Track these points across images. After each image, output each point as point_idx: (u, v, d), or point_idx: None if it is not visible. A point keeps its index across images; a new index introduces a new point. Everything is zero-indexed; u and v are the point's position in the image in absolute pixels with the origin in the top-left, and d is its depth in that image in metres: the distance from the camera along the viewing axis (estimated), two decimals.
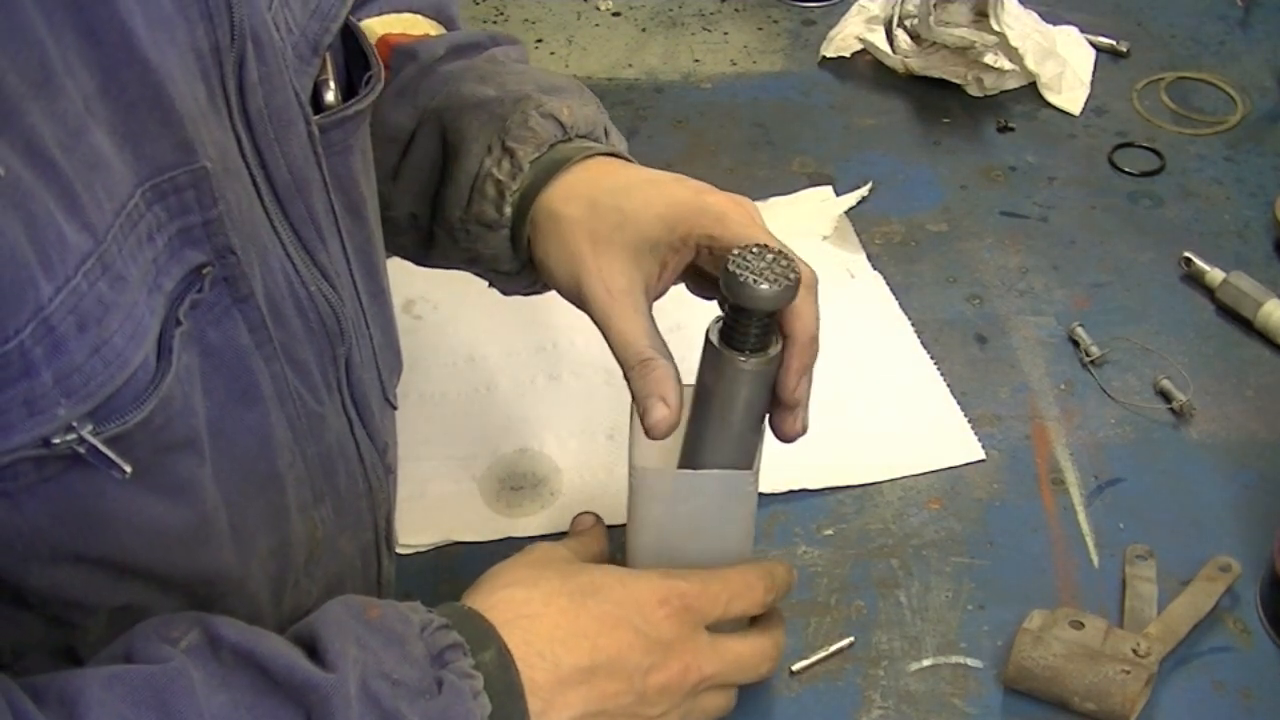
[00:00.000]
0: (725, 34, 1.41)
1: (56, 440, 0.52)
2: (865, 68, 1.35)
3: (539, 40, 1.41)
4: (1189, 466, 0.97)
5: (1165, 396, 1.01)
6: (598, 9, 1.46)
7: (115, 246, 0.52)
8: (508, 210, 0.80)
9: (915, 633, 0.87)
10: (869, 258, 1.14)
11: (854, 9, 1.37)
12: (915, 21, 1.30)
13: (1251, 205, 1.18)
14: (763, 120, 1.29)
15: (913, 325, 1.08)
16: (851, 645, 0.86)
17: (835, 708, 0.83)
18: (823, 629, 0.87)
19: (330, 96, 0.69)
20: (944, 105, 1.30)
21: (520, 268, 0.83)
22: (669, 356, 0.75)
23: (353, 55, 0.73)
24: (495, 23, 1.43)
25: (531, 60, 1.37)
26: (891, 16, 1.34)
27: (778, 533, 0.93)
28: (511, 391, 1.03)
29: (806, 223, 1.17)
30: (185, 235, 0.56)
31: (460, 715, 0.63)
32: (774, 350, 0.73)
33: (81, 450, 0.53)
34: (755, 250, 0.71)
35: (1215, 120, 1.27)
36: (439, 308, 1.10)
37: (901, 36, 1.33)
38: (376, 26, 0.89)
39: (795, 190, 1.21)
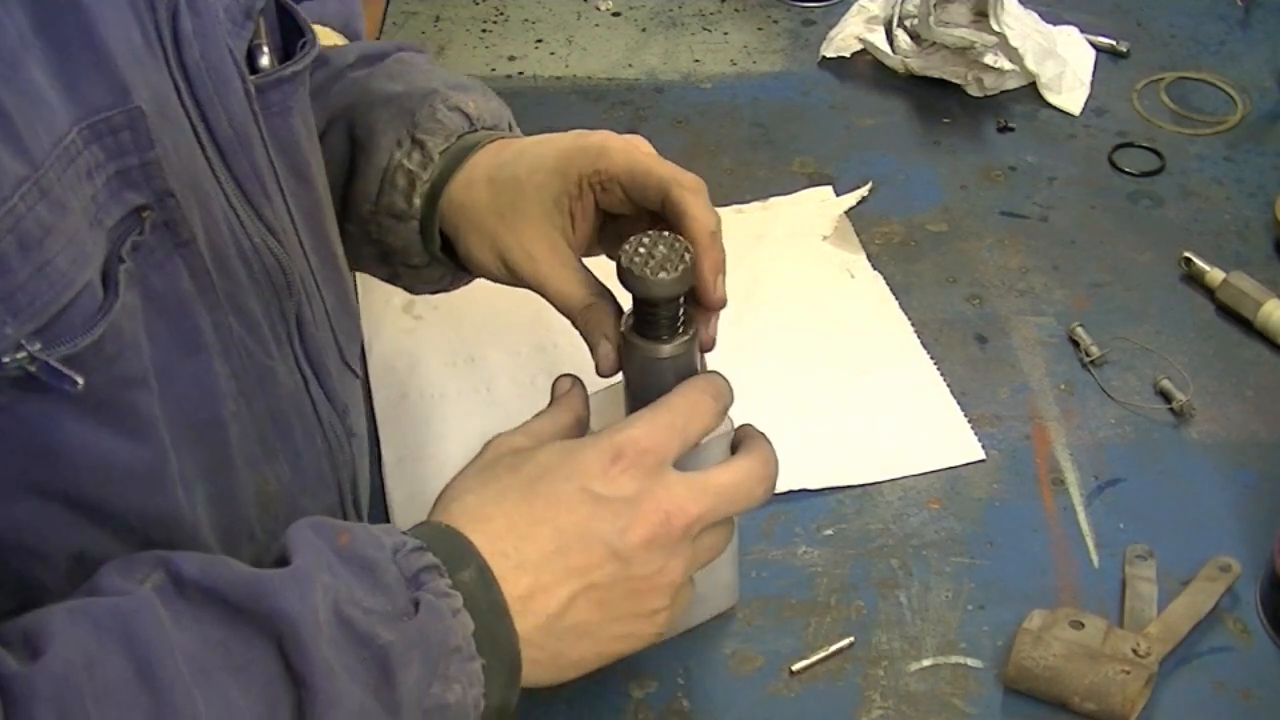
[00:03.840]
0: (725, 34, 1.41)
1: (6, 359, 0.53)
2: (865, 68, 1.35)
3: (539, 40, 1.41)
4: (1189, 466, 0.97)
5: (1165, 396, 1.01)
6: (598, 9, 1.46)
7: (53, 175, 0.54)
8: (417, 201, 0.83)
9: (915, 633, 0.87)
10: (869, 258, 1.14)
11: (854, 9, 1.37)
12: (915, 21, 1.30)
13: (1251, 205, 1.18)
14: (763, 120, 1.29)
15: (913, 325, 1.08)
16: (851, 645, 0.86)
17: (835, 708, 0.83)
18: (823, 629, 0.87)
19: (265, 60, 0.70)
20: (944, 105, 1.30)
21: (429, 260, 0.85)
22: (609, 296, 0.77)
23: (289, 31, 0.75)
24: (495, 23, 1.43)
25: (531, 60, 1.38)
26: (891, 16, 1.34)
27: (778, 533, 0.93)
28: (511, 391, 1.03)
29: (806, 223, 1.17)
30: (124, 177, 0.58)
31: (440, 633, 0.62)
32: (691, 329, 0.73)
33: (33, 369, 0.54)
34: (646, 240, 0.71)
35: (1215, 120, 1.27)
36: (439, 308, 1.10)
37: (901, 36, 1.33)
38: None
39: (795, 190, 1.21)
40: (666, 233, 0.71)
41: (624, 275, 0.70)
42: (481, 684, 0.63)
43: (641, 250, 0.70)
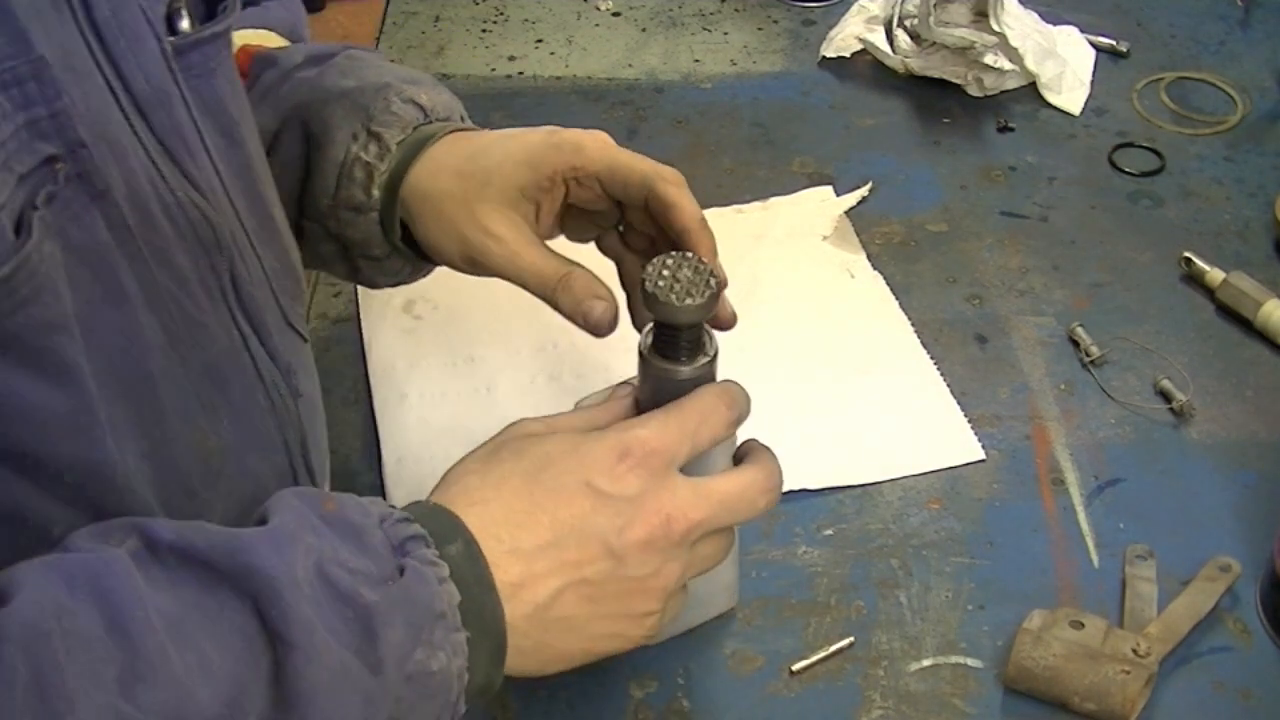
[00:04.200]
0: (725, 34, 1.41)
1: None
2: (865, 68, 1.35)
3: (539, 40, 1.41)
4: (1189, 466, 0.97)
5: (1165, 396, 1.01)
6: (598, 9, 1.46)
7: None
8: (376, 193, 0.84)
9: (915, 633, 0.87)
10: (869, 258, 1.14)
11: (854, 9, 1.37)
12: (915, 21, 1.30)
13: (1251, 205, 1.18)
14: (763, 120, 1.29)
15: (913, 325, 1.08)
16: (851, 645, 0.86)
17: (835, 708, 0.83)
18: (823, 629, 0.87)
19: (185, 24, 0.71)
20: (944, 105, 1.30)
21: (390, 251, 0.86)
22: (581, 266, 0.79)
23: None
24: (495, 23, 1.43)
25: (531, 60, 1.38)
26: (891, 16, 1.34)
27: (778, 533, 0.93)
28: (511, 391, 1.03)
29: (806, 223, 1.17)
30: (34, 127, 0.58)
31: (425, 598, 0.61)
32: (710, 351, 0.73)
33: None
34: (669, 263, 0.71)
35: (1215, 120, 1.27)
36: (439, 308, 1.10)
37: (901, 36, 1.33)
38: (237, 40, 0.92)
39: (795, 190, 1.21)
40: (690, 254, 0.71)
41: (649, 300, 0.70)
42: (465, 656, 0.63)
43: (665, 273, 0.70)
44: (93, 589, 0.55)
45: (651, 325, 0.73)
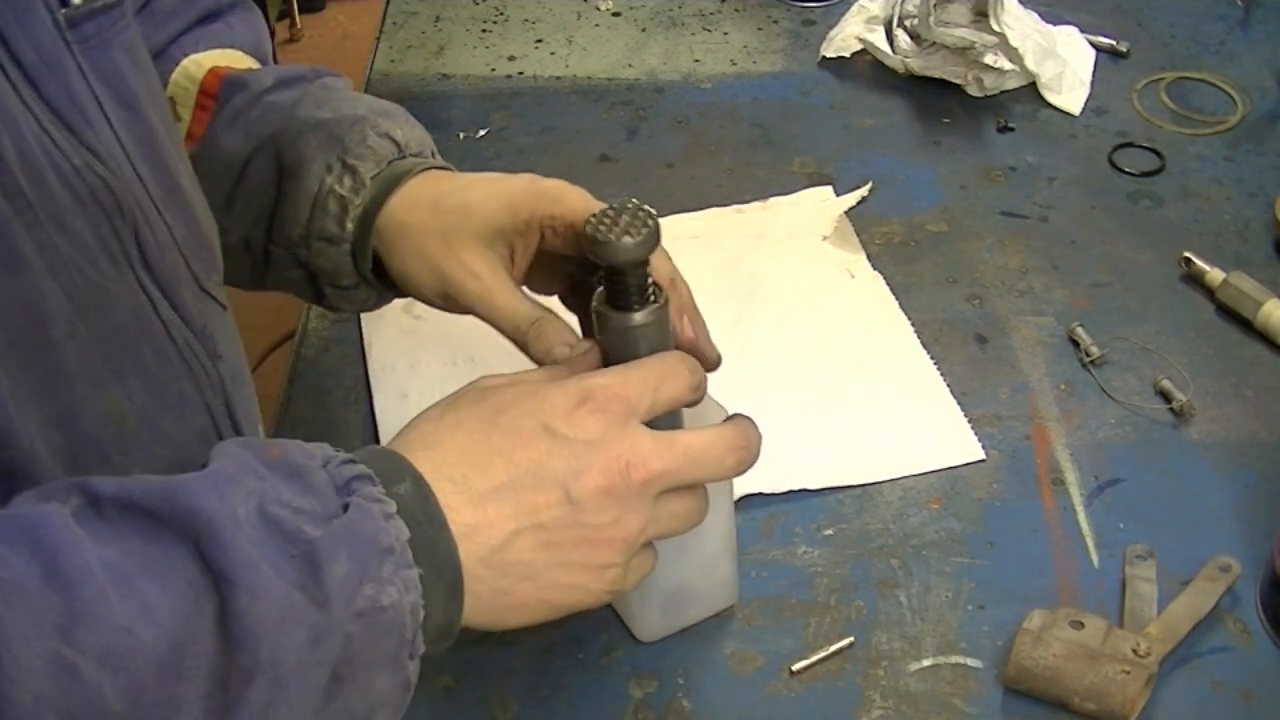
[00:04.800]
0: (725, 34, 1.41)
1: None
2: (865, 68, 1.35)
3: (539, 40, 1.41)
4: (1189, 466, 0.97)
5: (1165, 396, 1.01)
6: (598, 9, 1.46)
7: None
8: (350, 225, 0.85)
9: (915, 633, 0.87)
10: (869, 258, 1.14)
11: (854, 9, 1.37)
12: (915, 21, 1.30)
13: (1251, 205, 1.18)
14: (763, 120, 1.29)
15: (913, 325, 1.08)
16: (851, 645, 0.86)
17: (835, 708, 0.83)
18: (823, 629, 0.87)
19: None
20: (944, 105, 1.30)
21: (358, 281, 0.87)
22: (554, 314, 0.79)
23: None
24: (495, 23, 1.43)
25: (531, 60, 1.38)
26: (891, 16, 1.34)
27: (778, 533, 0.93)
28: None
29: (806, 223, 1.17)
30: None
31: (370, 532, 0.61)
32: (661, 297, 0.74)
33: None
34: (610, 211, 0.72)
35: (1215, 120, 1.27)
36: None
37: (901, 36, 1.33)
38: (205, 61, 0.94)
39: (795, 190, 1.21)
40: (631, 202, 0.72)
41: (590, 243, 0.71)
42: (419, 591, 0.62)
43: (606, 218, 0.71)
44: (28, 540, 0.55)
45: (601, 282, 0.74)
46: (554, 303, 0.84)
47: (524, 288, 0.83)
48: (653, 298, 0.73)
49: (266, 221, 0.88)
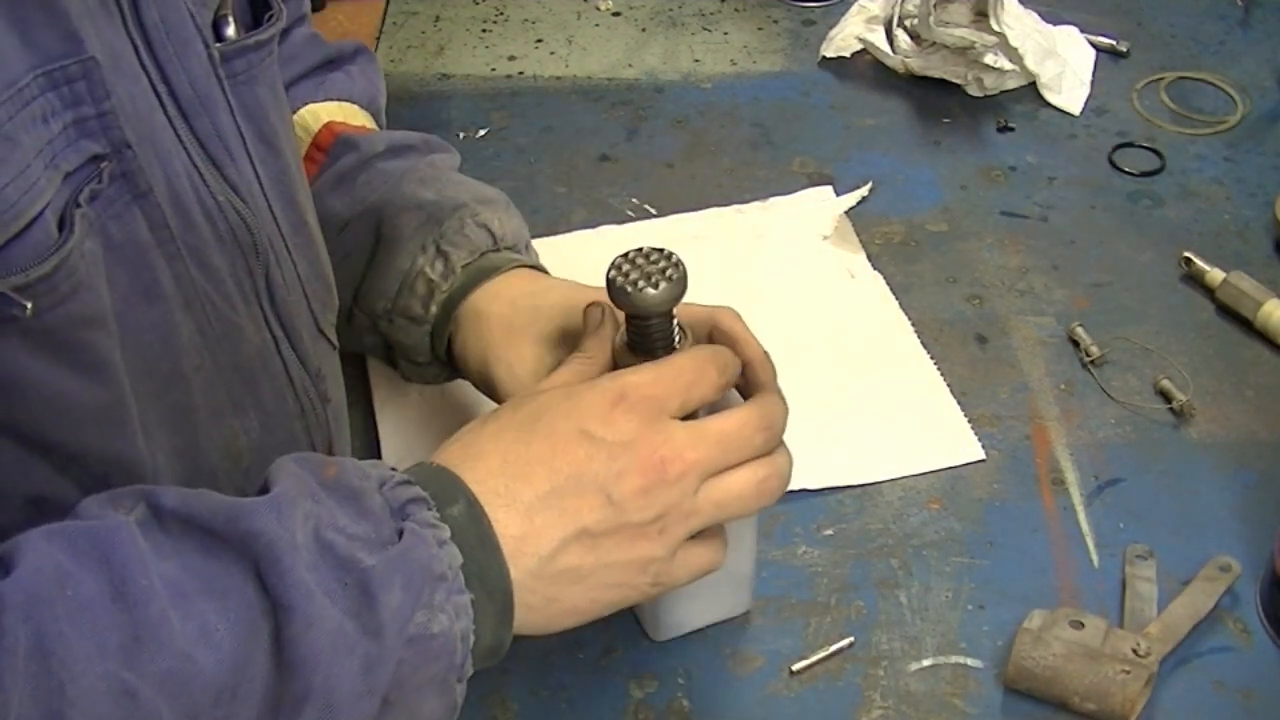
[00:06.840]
0: (725, 34, 1.41)
1: None
2: (865, 68, 1.35)
3: (539, 40, 1.41)
4: (1189, 466, 0.97)
5: (1165, 396, 1.01)
6: (598, 9, 1.46)
7: (4, 112, 0.55)
8: (434, 309, 0.87)
9: (915, 633, 0.87)
10: (869, 258, 1.14)
11: (854, 9, 1.37)
12: (915, 21, 1.30)
13: (1251, 205, 1.18)
14: (763, 120, 1.29)
15: (913, 325, 1.08)
16: (851, 645, 0.86)
17: (835, 708, 0.83)
18: (823, 629, 0.87)
19: (231, 30, 0.72)
20: (944, 105, 1.30)
21: (432, 360, 0.89)
22: None
23: (258, 6, 0.77)
24: (495, 23, 1.43)
25: (531, 60, 1.38)
26: (891, 16, 1.34)
27: (778, 533, 0.93)
28: None
29: (806, 223, 1.17)
30: (81, 126, 0.59)
31: (423, 560, 0.61)
32: (684, 342, 0.74)
33: None
34: (633, 256, 0.72)
35: (1215, 120, 1.27)
36: None
37: (901, 36, 1.33)
38: (321, 113, 0.96)
39: (795, 190, 1.21)
40: (656, 248, 0.72)
41: (613, 290, 0.71)
42: (470, 617, 0.63)
43: (629, 265, 0.71)
44: (96, 556, 0.56)
45: (624, 324, 0.74)
46: None
47: None
48: (677, 344, 0.73)
49: (355, 286, 0.90)
